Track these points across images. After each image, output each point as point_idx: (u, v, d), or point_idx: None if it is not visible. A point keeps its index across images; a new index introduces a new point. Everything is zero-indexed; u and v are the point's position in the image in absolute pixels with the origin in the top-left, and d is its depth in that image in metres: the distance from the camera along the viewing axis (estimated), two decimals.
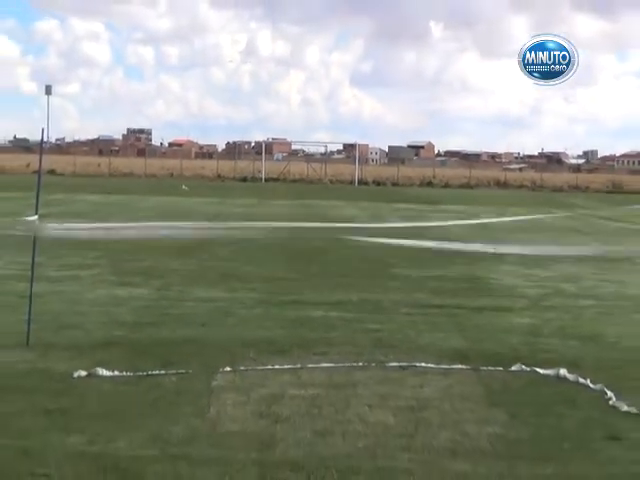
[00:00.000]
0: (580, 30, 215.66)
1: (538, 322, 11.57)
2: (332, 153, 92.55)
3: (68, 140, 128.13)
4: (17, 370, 8.24)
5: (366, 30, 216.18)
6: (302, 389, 7.89)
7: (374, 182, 71.08)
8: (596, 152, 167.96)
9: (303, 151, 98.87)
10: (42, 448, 6.05)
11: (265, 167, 72.53)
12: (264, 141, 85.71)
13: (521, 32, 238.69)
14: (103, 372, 8.19)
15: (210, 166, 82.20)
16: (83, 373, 8.16)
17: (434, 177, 75.45)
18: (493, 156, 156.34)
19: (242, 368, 8.53)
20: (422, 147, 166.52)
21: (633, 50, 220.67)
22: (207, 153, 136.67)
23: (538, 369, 8.73)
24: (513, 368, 8.79)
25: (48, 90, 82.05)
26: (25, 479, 5.44)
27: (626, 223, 27.01)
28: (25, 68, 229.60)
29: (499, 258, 17.25)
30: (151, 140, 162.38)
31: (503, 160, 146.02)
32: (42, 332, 9.55)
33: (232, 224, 17.75)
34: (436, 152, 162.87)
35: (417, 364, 8.89)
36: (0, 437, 6.30)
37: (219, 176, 72.54)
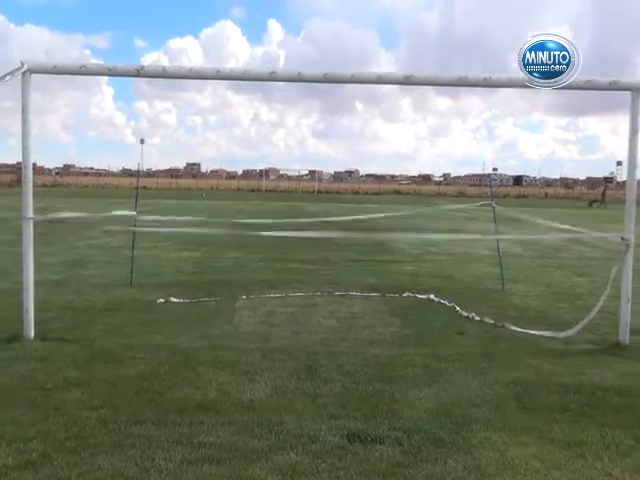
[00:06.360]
0: (440, 106, 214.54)
1: (417, 269, 11.64)
2: (302, 175, 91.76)
3: (153, 170, 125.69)
4: (125, 299, 8.14)
5: (319, 106, 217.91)
6: (286, 308, 7.87)
7: (326, 192, 70.54)
8: (450, 174, 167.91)
9: (286, 174, 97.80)
10: (139, 343, 5.97)
11: (265, 184, 71.95)
12: (264, 169, 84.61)
13: (407, 108, 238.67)
14: (173, 299, 8.11)
15: (234, 184, 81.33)
16: (162, 300, 8.07)
17: (359, 189, 75.16)
18: (392, 176, 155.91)
19: (252, 297, 8.49)
20: (353, 172, 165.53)
21: (468, 117, 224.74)
22: (232, 176, 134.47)
23: (418, 295, 8.80)
24: (404, 294, 8.84)
25: (142, 141, 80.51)
26: (129, 361, 5.35)
27: (466, 213, 27.10)
28: (129, 129, 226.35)
29: (395, 231, 17.24)
30: (200, 169, 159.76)
31: (398, 179, 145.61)
32: (139, 277, 9.44)
33: (245, 220, 17.47)
34: (360, 175, 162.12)
35: (350, 293, 8.91)
36: (114, 337, 6.21)
37: (239, 189, 71.61)
